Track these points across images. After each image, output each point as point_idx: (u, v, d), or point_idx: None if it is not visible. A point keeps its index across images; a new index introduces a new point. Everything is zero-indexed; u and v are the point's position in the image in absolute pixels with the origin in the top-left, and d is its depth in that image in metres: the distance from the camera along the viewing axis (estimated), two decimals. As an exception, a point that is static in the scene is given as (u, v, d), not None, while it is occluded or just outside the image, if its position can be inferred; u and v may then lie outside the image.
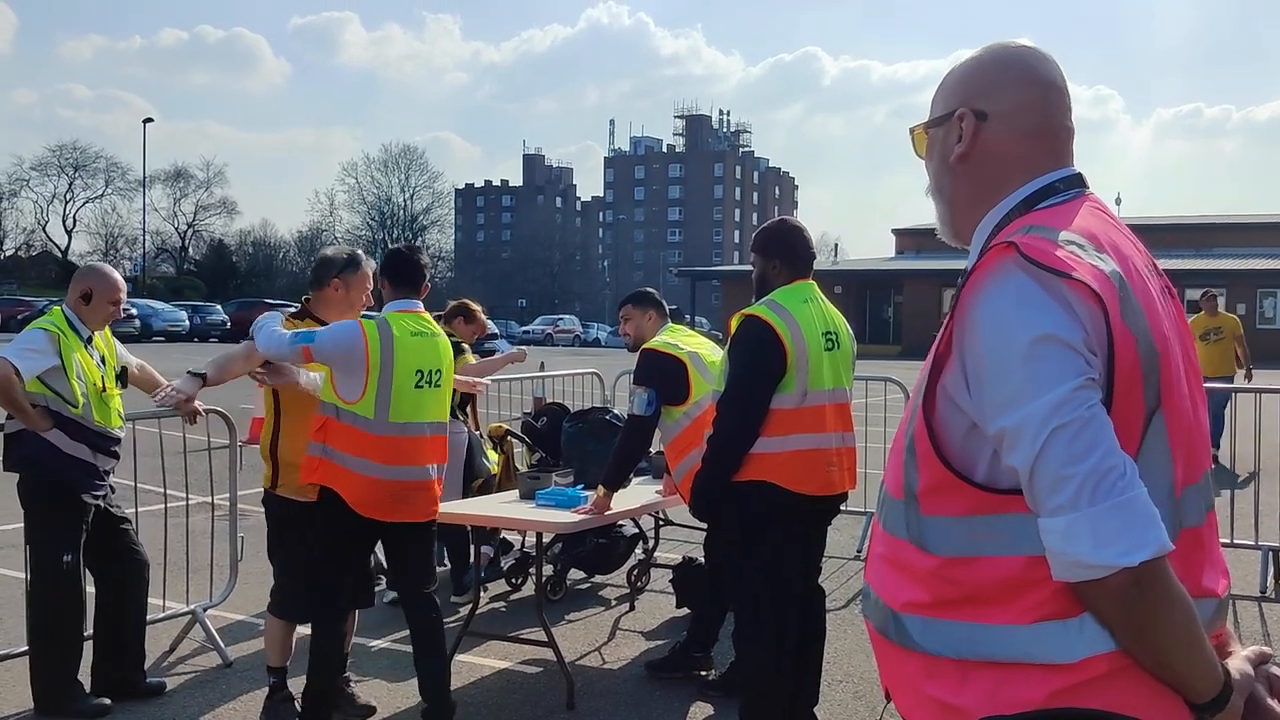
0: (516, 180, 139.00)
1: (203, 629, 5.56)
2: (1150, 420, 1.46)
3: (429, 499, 4.43)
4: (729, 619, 4.59)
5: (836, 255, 78.03)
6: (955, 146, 1.68)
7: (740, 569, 4.17)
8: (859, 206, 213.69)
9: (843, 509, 4.59)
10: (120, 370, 4.87)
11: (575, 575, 7.03)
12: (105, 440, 4.70)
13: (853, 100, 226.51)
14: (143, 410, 5.29)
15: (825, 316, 4.24)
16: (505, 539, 6.96)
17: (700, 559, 5.84)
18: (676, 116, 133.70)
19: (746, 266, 7.79)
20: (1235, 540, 7.04)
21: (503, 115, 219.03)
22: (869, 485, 3.74)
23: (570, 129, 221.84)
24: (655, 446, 5.43)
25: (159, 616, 5.45)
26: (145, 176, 68.48)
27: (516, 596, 6.74)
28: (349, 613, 4.54)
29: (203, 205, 78.78)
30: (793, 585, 4.21)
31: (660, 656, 5.46)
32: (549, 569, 6.49)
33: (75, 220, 76.20)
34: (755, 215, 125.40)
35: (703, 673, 5.27)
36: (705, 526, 5.12)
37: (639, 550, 6.93)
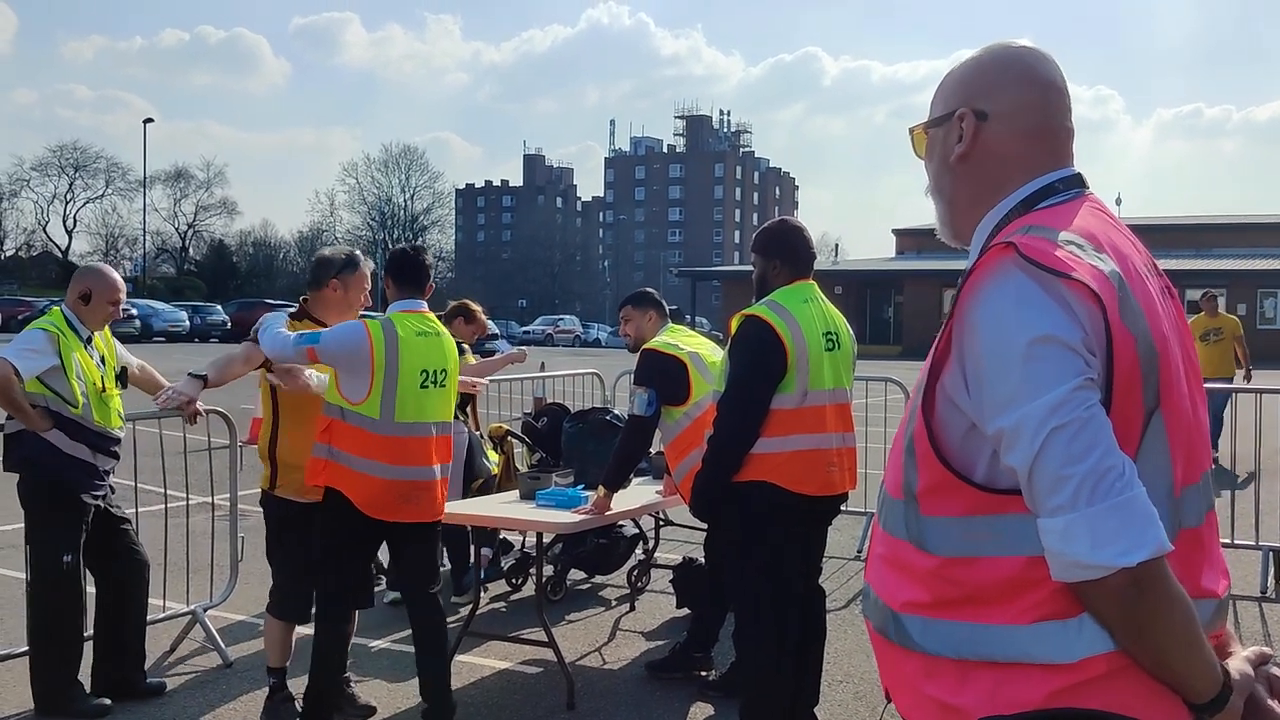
0: (517, 180, 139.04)
1: (203, 629, 5.56)
2: (1149, 420, 1.46)
3: (435, 499, 4.43)
4: (729, 619, 4.59)
5: (837, 255, 77.96)
6: (955, 146, 1.68)
7: (741, 569, 4.17)
8: (859, 207, 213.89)
9: (843, 509, 4.59)
10: (120, 370, 4.87)
11: (575, 575, 7.03)
12: (105, 440, 4.70)
13: (853, 100, 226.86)
14: (143, 410, 5.29)
15: (826, 317, 4.24)
16: (505, 539, 6.96)
17: (700, 559, 5.85)
18: (677, 117, 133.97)
19: (747, 267, 7.77)
20: (1236, 540, 7.04)
21: (503, 115, 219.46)
22: (869, 485, 3.73)
23: (571, 129, 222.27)
24: (655, 447, 5.43)
25: (159, 617, 5.45)
26: (146, 177, 68.52)
27: (517, 597, 6.74)
28: (353, 614, 4.54)
29: (203, 205, 78.86)
30: (793, 585, 4.21)
31: (660, 657, 5.46)
32: (549, 569, 6.49)
33: (76, 220, 76.30)
34: (755, 215, 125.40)
35: (703, 673, 5.27)
36: (705, 527, 5.13)
37: (639, 550, 6.93)
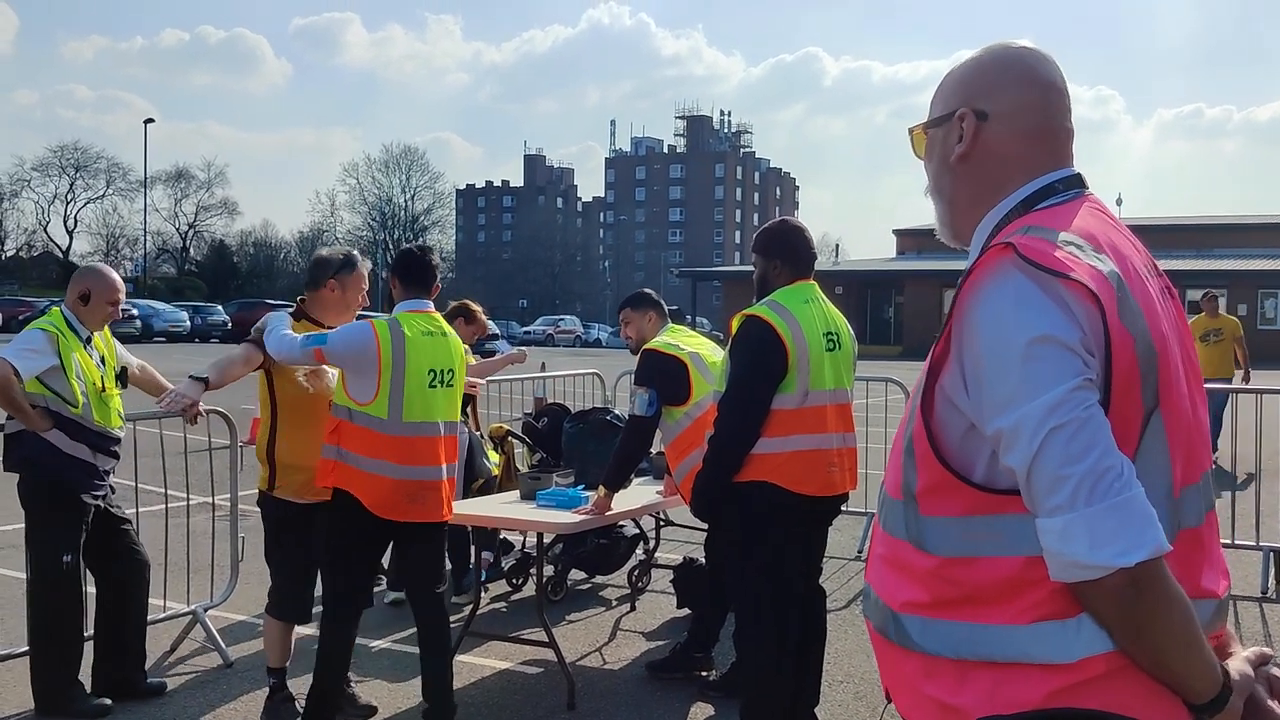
0: (517, 181, 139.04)
1: (203, 629, 5.56)
2: (1148, 420, 1.46)
3: (442, 499, 4.43)
4: (730, 619, 4.59)
5: (837, 256, 77.90)
6: (956, 147, 1.68)
7: (741, 569, 4.17)
8: (860, 207, 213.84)
9: (844, 509, 4.59)
10: (120, 370, 4.87)
11: (576, 576, 7.03)
12: (105, 440, 4.70)
13: (854, 101, 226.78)
14: (143, 410, 5.29)
15: (826, 317, 4.24)
16: (506, 539, 6.96)
17: (701, 559, 5.85)
18: (677, 117, 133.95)
19: (747, 267, 7.78)
20: (1236, 541, 7.03)
21: (504, 116, 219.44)
22: (870, 486, 3.74)
23: (571, 129, 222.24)
24: (656, 447, 5.43)
25: (160, 617, 5.46)
26: (146, 177, 68.51)
27: (517, 597, 6.74)
28: (359, 615, 4.53)
29: (204, 206, 78.87)
30: (794, 586, 4.21)
31: (661, 657, 5.46)
32: (550, 569, 6.49)
33: (76, 221, 76.30)
34: (756, 216, 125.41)
35: (703, 673, 5.27)
36: (706, 527, 5.13)
37: (640, 551, 6.93)
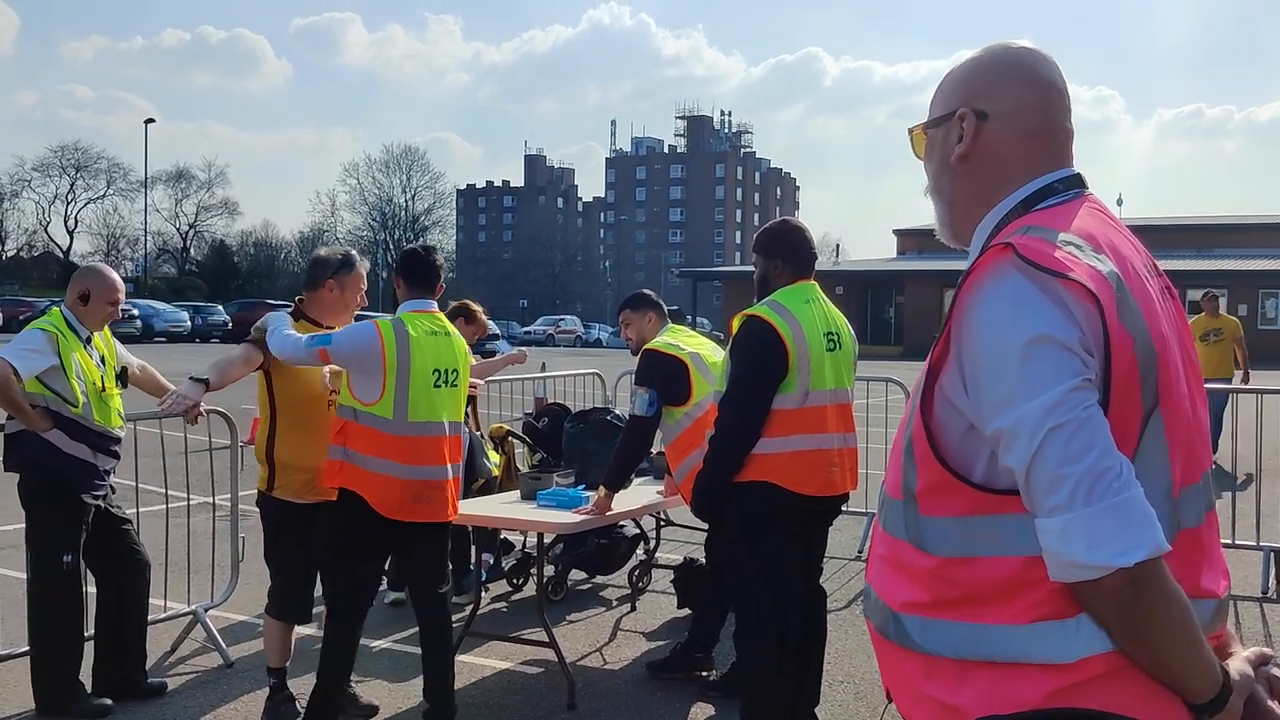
0: (518, 181, 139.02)
1: (204, 629, 5.56)
2: (1148, 420, 1.46)
3: (447, 499, 4.44)
4: (730, 619, 4.59)
5: (838, 256, 77.87)
6: (956, 147, 1.68)
7: (742, 569, 4.17)
8: (860, 207, 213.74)
9: (844, 510, 4.59)
10: (120, 370, 4.87)
11: (576, 576, 7.03)
12: (105, 440, 4.71)
13: (854, 101, 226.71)
14: (143, 410, 5.29)
15: (827, 317, 4.24)
16: (506, 539, 6.96)
17: (701, 559, 5.84)
18: (678, 117, 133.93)
19: (748, 267, 7.79)
20: (1237, 541, 7.03)
21: (504, 116, 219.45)
22: (870, 486, 3.74)
23: (572, 130, 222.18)
24: (656, 447, 5.43)
25: (160, 617, 5.46)
26: (147, 177, 68.51)
27: (518, 597, 6.74)
28: (362, 615, 4.52)
29: (204, 206, 78.82)
30: (794, 586, 4.21)
31: (661, 657, 5.46)
32: (550, 569, 6.49)
33: (77, 221, 76.25)
34: (757, 216, 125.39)
35: (704, 673, 5.27)
36: (706, 527, 5.13)
37: (640, 551, 6.93)
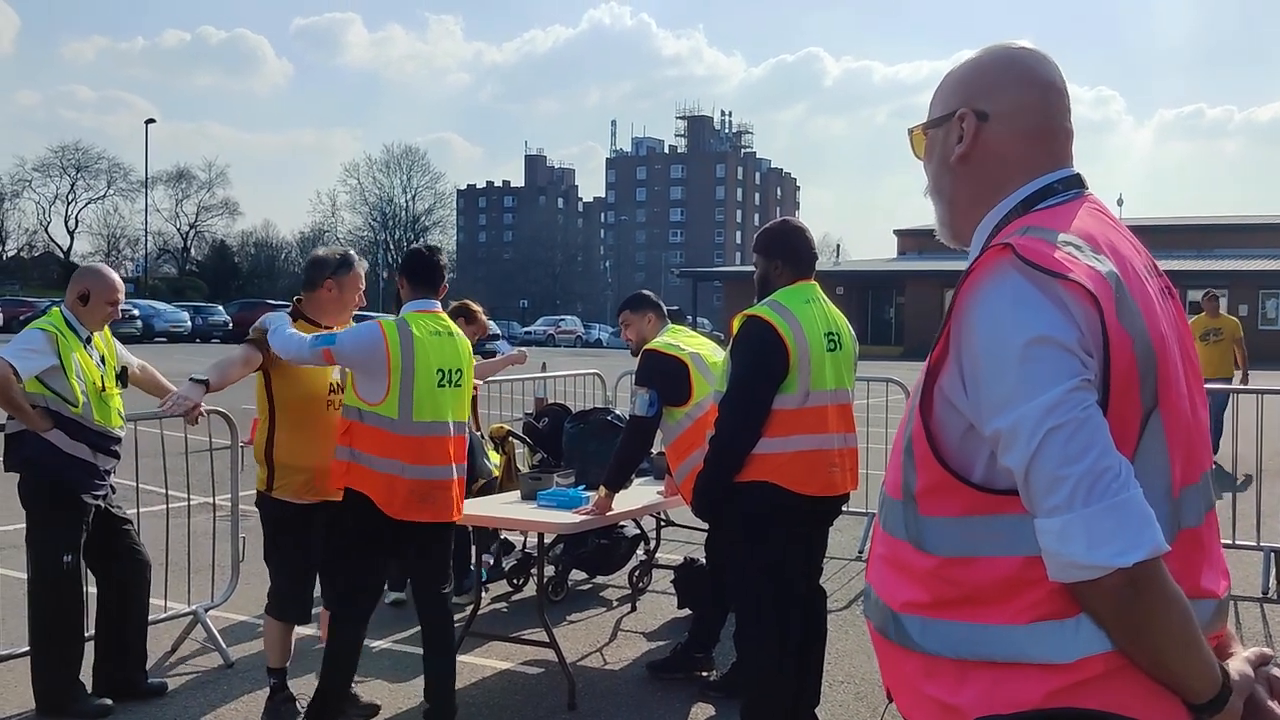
0: (518, 181, 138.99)
1: (204, 629, 5.56)
2: (1147, 421, 1.46)
3: (452, 499, 4.44)
4: (730, 620, 4.59)
5: (838, 256, 77.74)
6: (956, 147, 1.68)
7: (742, 569, 4.17)
8: (861, 207, 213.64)
9: (844, 510, 4.59)
10: (120, 370, 4.88)
11: (577, 576, 7.03)
12: (105, 440, 4.71)
13: (854, 101, 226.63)
14: (144, 410, 5.29)
15: (827, 317, 4.24)
16: (506, 540, 6.96)
17: (702, 560, 5.84)
18: (678, 117, 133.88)
19: (748, 267, 7.79)
20: (1237, 541, 7.03)
21: (505, 116, 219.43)
22: (870, 486, 3.74)
23: (572, 130, 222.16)
24: (657, 447, 5.43)
25: (160, 617, 5.46)
26: (147, 177, 68.46)
27: (518, 597, 6.75)
28: (365, 616, 4.52)
29: (205, 206, 78.74)
30: (795, 586, 4.21)
31: (662, 657, 5.46)
32: (550, 570, 6.49)
33: (77, 221, 76.15)
34: (757, 216, 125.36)
35: (704, 673, 5.27)
36: (707, 527, 5.13)
37: (640, 551, 6.93)
